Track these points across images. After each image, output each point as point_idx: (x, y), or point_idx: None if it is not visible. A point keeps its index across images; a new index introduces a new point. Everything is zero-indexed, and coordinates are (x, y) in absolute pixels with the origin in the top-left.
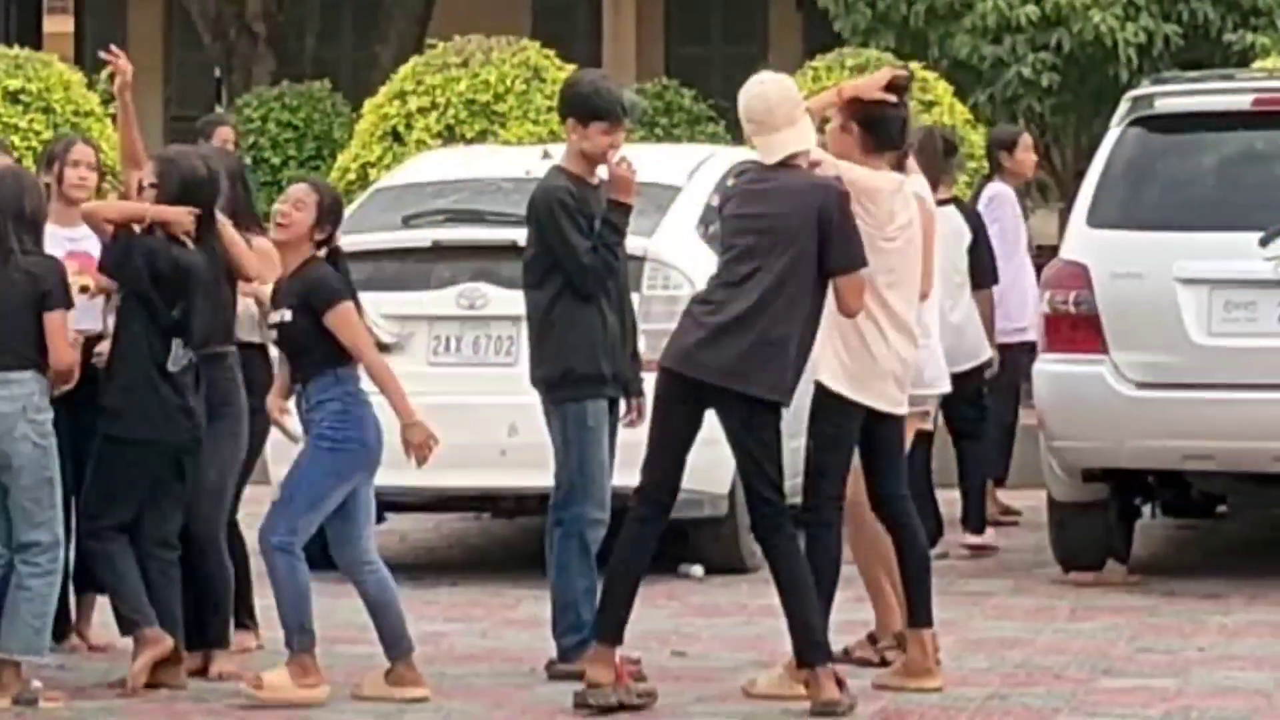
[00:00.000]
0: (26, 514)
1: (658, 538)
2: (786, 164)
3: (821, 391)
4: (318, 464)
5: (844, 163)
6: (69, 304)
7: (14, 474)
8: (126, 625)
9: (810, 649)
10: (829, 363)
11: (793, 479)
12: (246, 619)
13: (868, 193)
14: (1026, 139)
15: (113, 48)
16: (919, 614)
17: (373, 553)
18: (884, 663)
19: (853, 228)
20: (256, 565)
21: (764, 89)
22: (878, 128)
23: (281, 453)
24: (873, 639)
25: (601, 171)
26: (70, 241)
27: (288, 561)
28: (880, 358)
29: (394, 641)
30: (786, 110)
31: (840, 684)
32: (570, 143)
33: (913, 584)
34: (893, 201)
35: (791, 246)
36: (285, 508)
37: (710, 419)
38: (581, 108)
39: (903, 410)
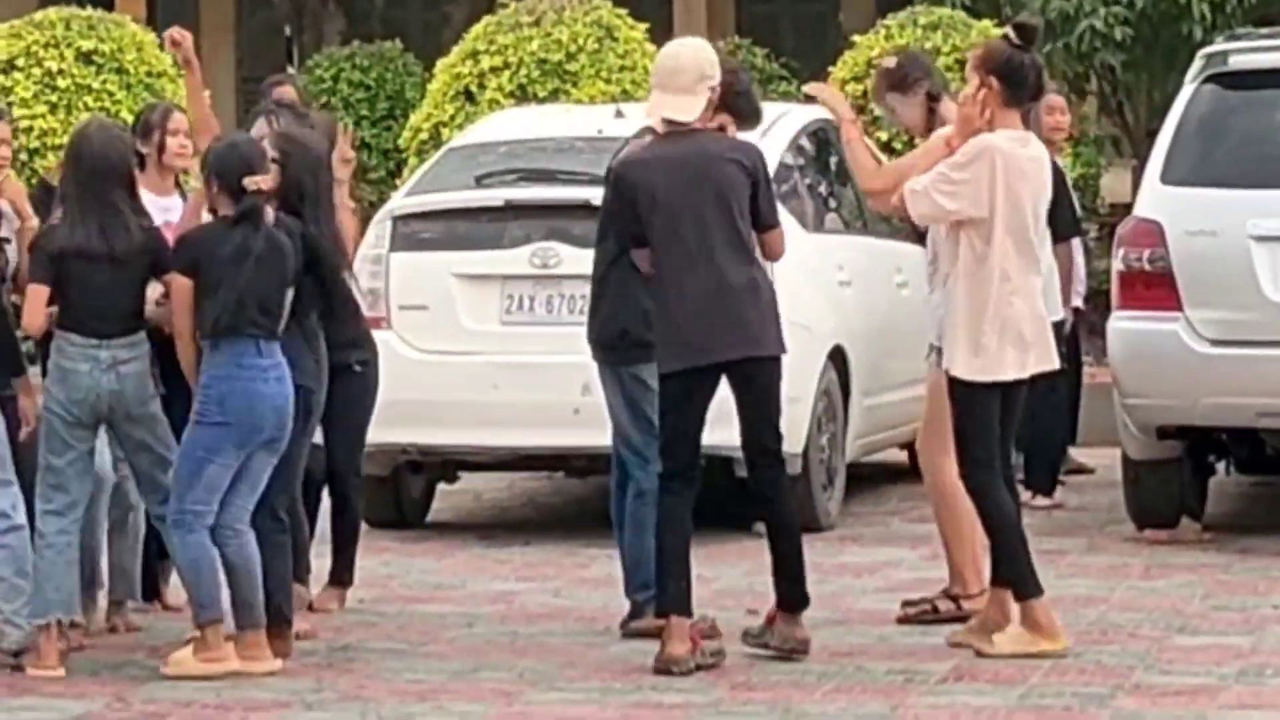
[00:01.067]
0: (162, 460)
1: (693, 503)
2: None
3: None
4: (188, 438)
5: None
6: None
7: (151, 429)
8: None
9: (799, 597)
10: (968, 354)
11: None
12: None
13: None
14: (1051, 100)
15: (173, 32)
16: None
17: (242, 521)
18: (958, 619)
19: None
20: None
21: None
22: (1016, 78)
23: None
24: (950, 595)
25: None
26: (164, 212)
27: (180, 536)
28: (1023, 318)
29: (244, 610)
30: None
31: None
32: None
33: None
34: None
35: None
36: (174, 483)
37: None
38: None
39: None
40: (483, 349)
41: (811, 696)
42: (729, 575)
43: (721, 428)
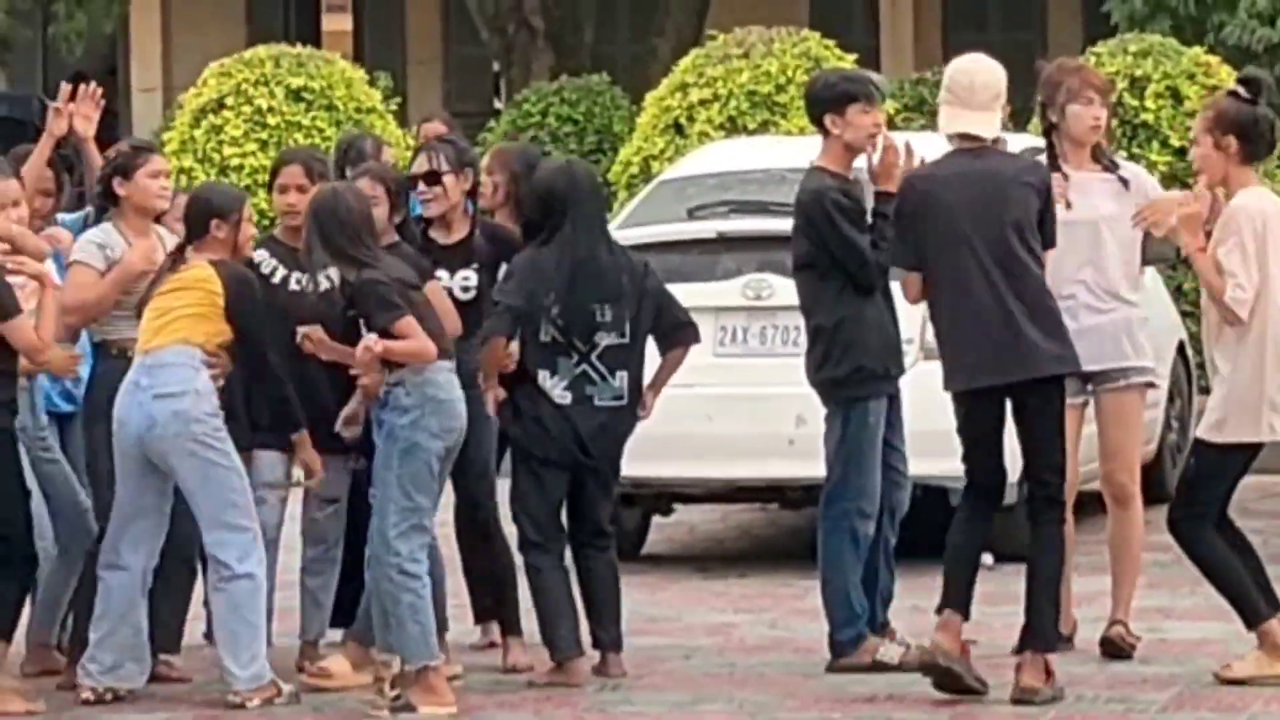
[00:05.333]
0: None
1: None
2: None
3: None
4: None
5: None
6: None
7: None
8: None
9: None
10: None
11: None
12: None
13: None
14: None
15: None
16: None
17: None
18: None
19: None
20: None
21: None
22: (1254, 135)
23: None
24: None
25: (859, 162)
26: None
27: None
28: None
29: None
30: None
31: (1049, 674)
32: (831, 139)
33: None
34: None
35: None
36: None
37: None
38: (833, 97)
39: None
40: (696, 381)
41: None
42: None
43: (934, 458)
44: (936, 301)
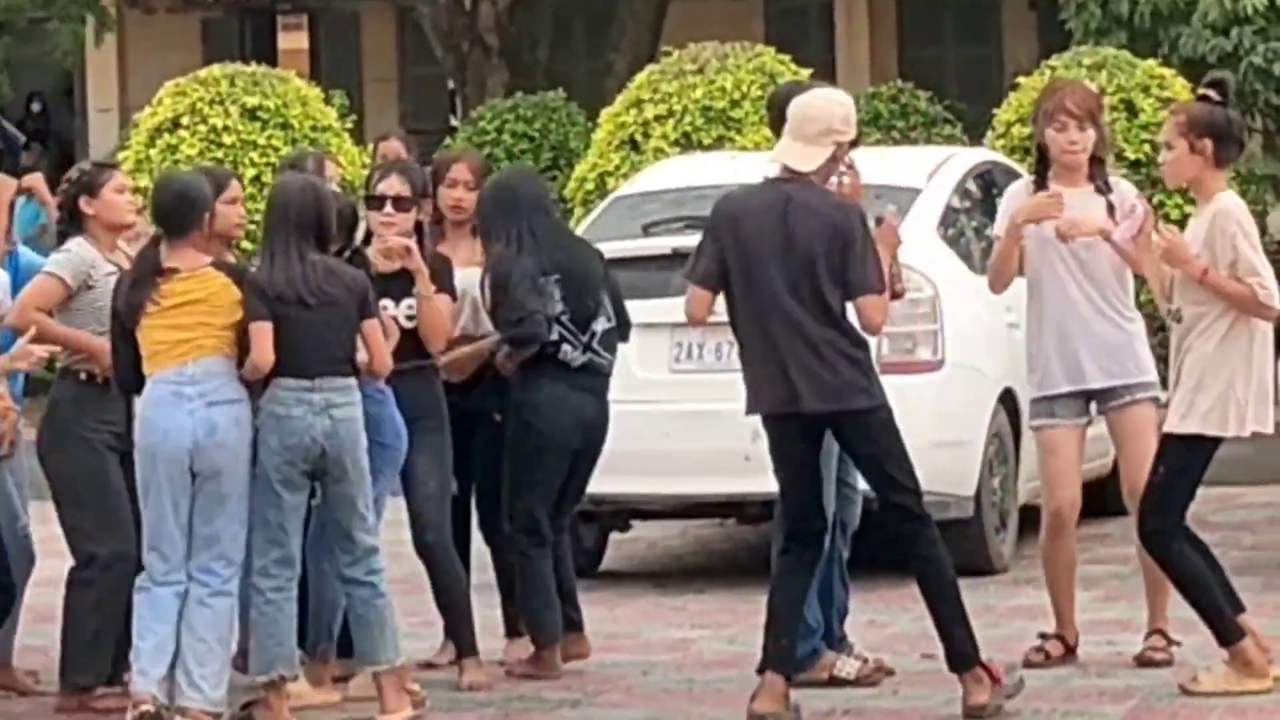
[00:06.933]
0: (362, 518)
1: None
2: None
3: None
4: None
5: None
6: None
7: (360, 474)
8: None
9: (962, 654)
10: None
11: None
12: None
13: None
14: None
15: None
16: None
17: None
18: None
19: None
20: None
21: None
22: (1227, 136)
23: None
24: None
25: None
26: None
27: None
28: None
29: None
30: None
31: (994, 679)
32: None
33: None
34: None
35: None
36: None
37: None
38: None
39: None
40: (653, 397)
41: None
42: (902, 620)
43: None
44: (744, 325)
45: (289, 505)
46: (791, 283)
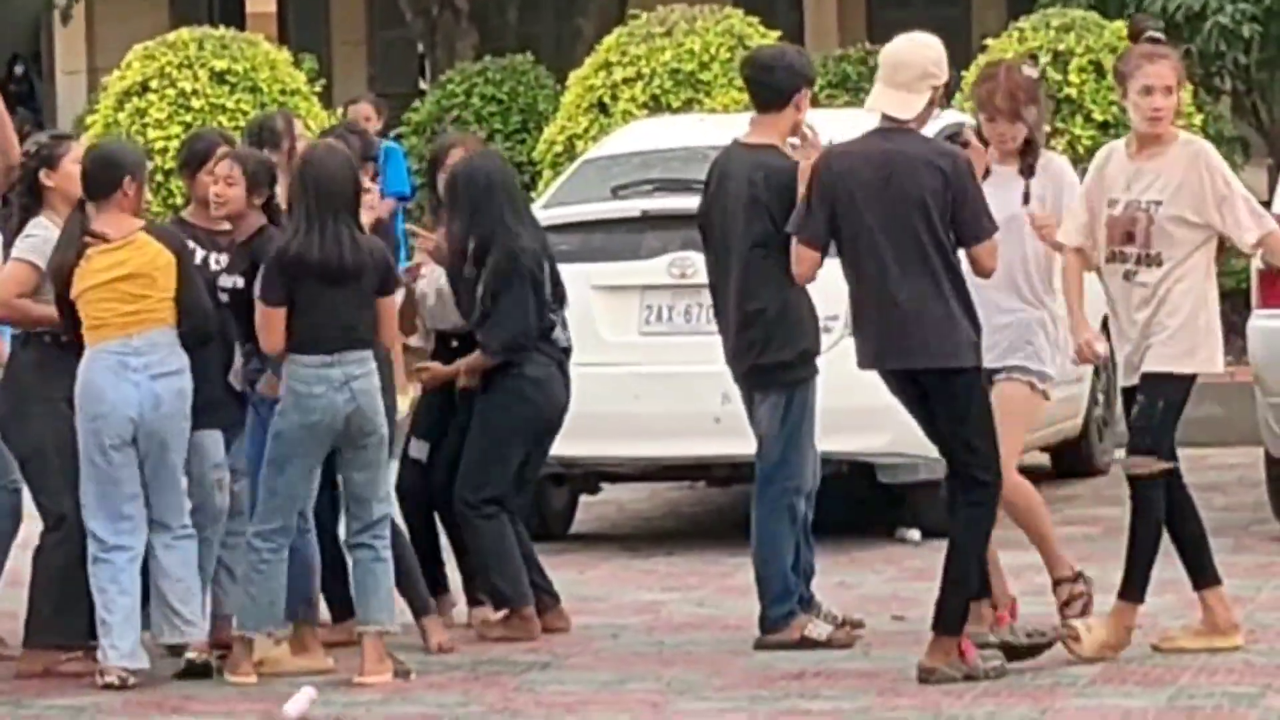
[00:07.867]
0: (380, 486)
1: None
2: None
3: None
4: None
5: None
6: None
7: (380, 442)
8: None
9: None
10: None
11: None
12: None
13: None
14: None
15: None
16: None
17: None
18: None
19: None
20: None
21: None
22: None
23: None
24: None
25: (794, 142)
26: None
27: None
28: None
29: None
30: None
31: (962, 654)
32: (783, 117)
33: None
34: None
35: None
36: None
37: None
38: (809, 77)
39: None
40: (622, 360)
41: (960, 701)
42: (872, 581)
43: (861, 434)
44: (848, 281)
45: (297, 475)
46: (895, 240)
